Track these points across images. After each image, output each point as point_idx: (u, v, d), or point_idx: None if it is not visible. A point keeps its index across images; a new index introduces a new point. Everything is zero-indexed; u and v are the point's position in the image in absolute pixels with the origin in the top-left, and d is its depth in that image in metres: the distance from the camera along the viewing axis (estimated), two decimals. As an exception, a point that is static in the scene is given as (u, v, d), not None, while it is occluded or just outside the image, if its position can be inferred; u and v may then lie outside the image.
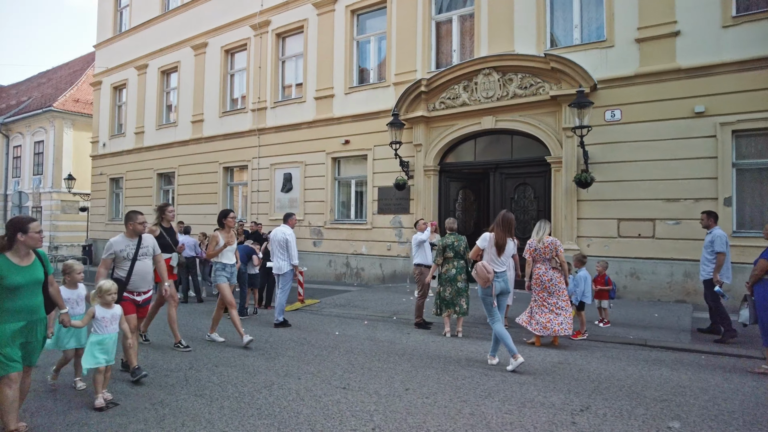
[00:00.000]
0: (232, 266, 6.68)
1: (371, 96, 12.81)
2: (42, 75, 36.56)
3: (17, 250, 3.57)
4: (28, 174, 27.45)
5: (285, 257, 7.68)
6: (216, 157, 16.26)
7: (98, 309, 4.29)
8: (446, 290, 7.10)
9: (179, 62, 17.80)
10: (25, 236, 3.58)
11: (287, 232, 7.62)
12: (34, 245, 3.66)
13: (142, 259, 5.13)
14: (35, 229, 3.62)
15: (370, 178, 12.68)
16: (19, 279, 3.50)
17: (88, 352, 4.23)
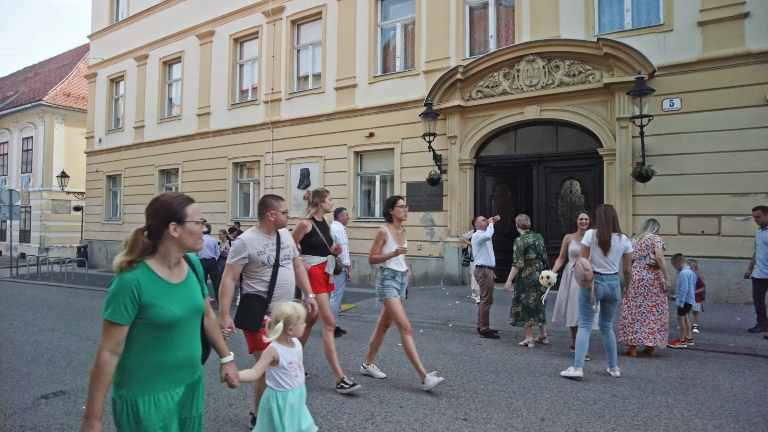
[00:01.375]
0: (403, 274, 4.79)
1: (398, 85, 12.00)
2: (29, 69, 35.15)
3: (166, 254, 2.02)
4: (15, 172, 26.12)
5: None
6: (224, 152, 15.31)
7: (281, 349, 2.71)
8: (529, 297, 6.32)
9: (183, 52, 16.81)
10: (182, 229, 2.01)
11: (336, 229, 6.76)
12: (191, 247, 2.06)
13: (286, 265, 3.54)
14: (195, 217, 2.06)
15: (397, 173, 11.85)
16: (176, 309, 1.98)
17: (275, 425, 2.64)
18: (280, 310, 2.71)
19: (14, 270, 17.95)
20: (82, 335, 6.85)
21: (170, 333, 1.98)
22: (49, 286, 14.29)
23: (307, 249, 4.73)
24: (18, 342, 6.51)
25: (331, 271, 4.90)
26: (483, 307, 6.94)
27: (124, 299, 1.86)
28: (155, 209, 2.03)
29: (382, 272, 4.69)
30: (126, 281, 1.88)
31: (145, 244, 1.98)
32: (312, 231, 4.76)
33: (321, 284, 4.72)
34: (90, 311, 9.17)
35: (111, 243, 19.12)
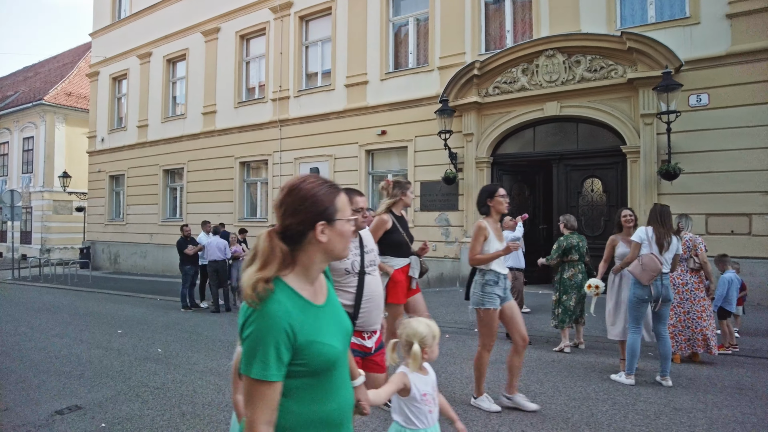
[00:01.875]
0: (506, 277, 4.03)
1: (411, 82, 11.69)
2: (29, 69, 34.82)
3: (309, 266, 1.42)
4: (16, 172, 25.79)
5: None
6: (231, 151, 14.99)
7: (413, 377, 2.20)
8: (571, 299, 6.03)
9: (188, 50, 16.49)
10: (330, 231, 1.41)
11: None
12: (339, 254, 1.47)
13: (372, 273, 2.88)
14: (346, 212, 1.46)
15: (410, 171, 11.55)
16: (335, 341, 1.42)
17: None
18: (412, 329, 2.20)
19: (16, 272, 17.63)
20: (92, 342, 6.54)
21: (331, 375, 1.39)
22: (53, 288, 13.98)
23: (387, 249, 3.98)
24: (25, 349, 6.20)
25: (416, 274, 4.33)
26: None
27: (276, 344, 1.26)
28: (298, 202, 1.38)
29: (483, 276, 3.94)
30: (274, 316, 1.27)
31: (283, 252, 1.36)
32: (392, 227, 4.08)
33: (403, 292, 4.12)
34: (97, 316, 8.86)
35: (114, 244, 18.80)
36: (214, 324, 7.88)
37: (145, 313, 9.16)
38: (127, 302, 10.81)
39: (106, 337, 6.87)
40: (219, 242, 9.36)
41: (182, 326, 7.66)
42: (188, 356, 5.66)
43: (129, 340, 6.64)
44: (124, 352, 5.92)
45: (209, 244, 9.14)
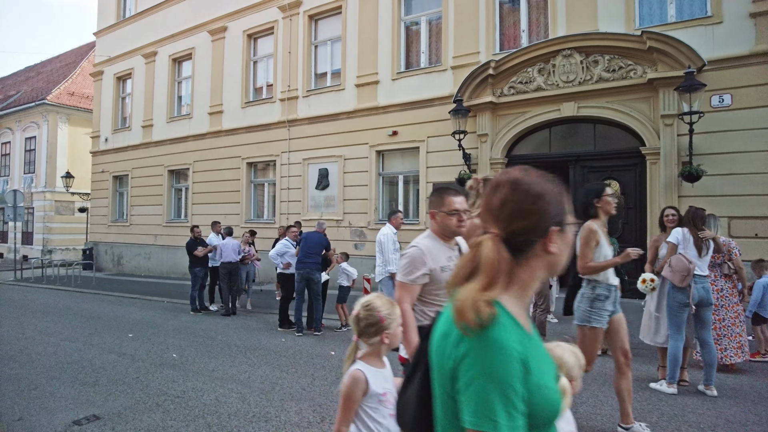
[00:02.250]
0: (617, 289, 3.51)
1: (424, 82, 11.51)
2: (30, 69, 34.64)
3: (527, 285, 1.10)
4: (18, 172, 25.57)
5: (380, 262, 6.33)
6: (238, 151, 14.80)
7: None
8: None
9: (194, 49, 16.31)
10: (562, 240, 1.10)
11: (383, 232, 6.28)
12: (558, 268, 1.13)
13: None
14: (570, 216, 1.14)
15: (422, 173, 11.36)
16: (556, 386, 1.07)
17: None
18: (557, 358, 1.77)
19: (18, 273, 17.41)
20: (104, 346, 6.33)
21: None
22: (57, 290, 13.76)
23: None
24: (35, 354, 5.99)
25: None
26: (540, 316, 6.45)
27: (512, 386, 0.94)
28: (530, 201, 1.07)
29: (592, 289, 3.41)
30: (507, 349, 0.96)
31: (508, 266, 1.06)
32: None
33: None
34: (105, 319, 8.65)
35: (117, 245, 18.58)
36: (226, 328, 7.67)
37: (154, 316, 8.95)
38: (134, 305, 10.60)
39: (116, 341, 6.66)
40: (234, 243, 9.14)
41: (194, 330, 7.45)
42: (205, 362, 5.45)
43: (141, 344, 6.43)
44: (137, 357, 5.71)
45: (224, 245, 8.92)
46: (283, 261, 7.57)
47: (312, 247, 7.34)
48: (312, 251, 7.31)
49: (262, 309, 9.70)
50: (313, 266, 7.19)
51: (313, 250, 7.33)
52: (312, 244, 7.35)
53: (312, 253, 7.32)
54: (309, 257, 7.28)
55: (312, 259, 7.23)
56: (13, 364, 5.56)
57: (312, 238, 7.44)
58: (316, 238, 7.47)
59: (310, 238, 7.41)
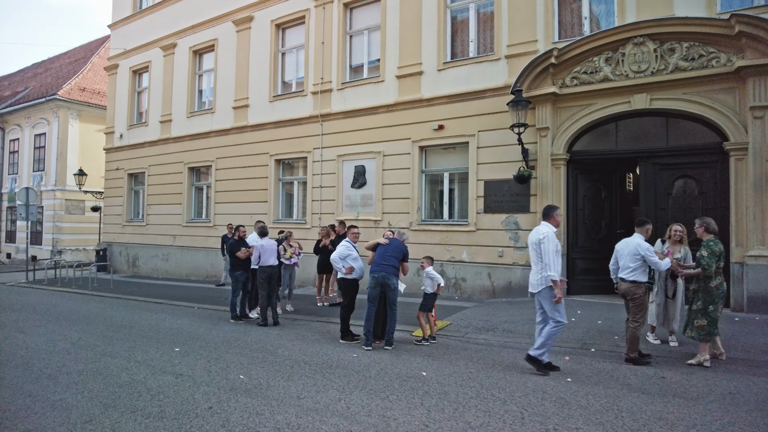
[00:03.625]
0: None
1: (473, 72, 10.73)
2: (38, 65, 33.92)
3: None
4: (27, 170, 24.78)
5: (538, 269, 5.35)
6: (266, 147, 14.00)
7: None
8: (718, 309, 5.46)
9: (217, 40, 15.53)
10: None
11: (542, 231, 5.29)
12: None
13: None
14: None
15: (472, 170, 10.57)
16: None
17: None
18: None
19: (30, 274, 16.62)
20: (152, 364, 5.54)
21: None
22: (74, 293, 12.98)
23: None
24: (76, 373, 5.20)
25: None
26: (634, 329, 5.66)
27: None
28: None
29: None
30: None
31: None
32: None
33: None
34: (138, 328, 7.87)
35: (133, 246, 17.79)
36: (280, 339, 6.89)
37: (191, 324, 8.15)
38: (163, 311, 9.81)
39: (164, 357, 5.87)
40: (273, 245, 8.32)
41: (245, 343, 6.66)
42: (283, 386, 4.65)
43: (194, 361, 5.64)
44: (198, 379, 4.91)
45: (262, 248, 8.08)
46: (345, 265, 6.76)
47: (392, 250, 6.62)
48: (391, 254, 6.57)
49: (305, 315, 8.90)
50: (391, 270, 6.42)
51: (392, 253, 6.60)
52: (392, 248, 6.65)
53: (391, 257, 6.55)
54: (387, 260, 6.50)
55: (390, 263, 6.47)
56: (54, 386, 4.77)
57: (394, 243, 6.77)
58: (397, 243, 6.77)
59: (392, 243, 6.75)
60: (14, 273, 20.04)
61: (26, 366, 5.55)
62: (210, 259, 15.13)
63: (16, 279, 17.18)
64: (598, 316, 7.80)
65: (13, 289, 14.56)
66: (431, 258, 7.07)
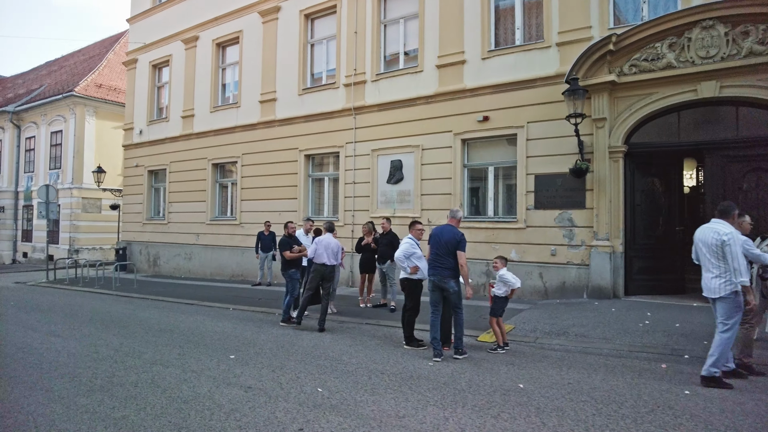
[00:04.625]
0: None
1: (521, 60, 10.17)
2: (52, 63, 33.63)
3: None
4: (43, 168, 24.43)
5: (720, 272, 4.65)
6: (294, 142, 13.51)
7: None
8: None
9: (241, 32, 15.05)
10: None
11: (724, 231, 4.61)
12: None
13: None
14: None
15: (521, 163, 10.02)
16: None
17: None
18: None
19: (50, 274, 16.23)
20: (213, 375, 5.03)
21: None
22: (98, 294, 12.55)
23: None
24: (130, 385, 4.71)
25: None
26: (748, 332, 5.11)
27: None
28: None
29: None
30: None
31: None
32: None
33: None
34: (180, 332, 7.40)
35: (153, 245, 17.36)
36: (337, 344, 6.39)
37: (234, 328, 7.67)
38: (198, 312, 9.34)
39: (221, 365, 5.37)
40: (334, 243, 7.71)
41: (302, 348, 6.16)
42: (373, 402, 4.13)
43: (257, 370, 5.14)
44: (272, 392, 4.40)
45: (320, 242, 7.50)
46: (409, 264, 6.23)
47: (442, 245, 5.85)
48: (442, 251, 5.86)
49: (350, 317, 8.39)
50: (445, 272, 5.75)
51: (443, 249, 5.84)
52: (443, 242, 5.86)
53: (442, 254, 5.86)
54: (440, 260, 5.86)
55: (443, 263, 5.79)
56: (111, 400, 4.28)
57: (443, 234, 5.94)
58: (447, 233, 5.94)
59: (441, 234, 5.93)
60: (33, 272, 19.70)
61: (73, 376, 5.07)
62: (236, 257, 14.67)
63: (36, 278, 16.81)
64: (672, 318, 7.23)
65: (35, 289, 14.16)
66: (505, 258, 6.51)
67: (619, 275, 9.00)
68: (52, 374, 5.17)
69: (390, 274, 8.95)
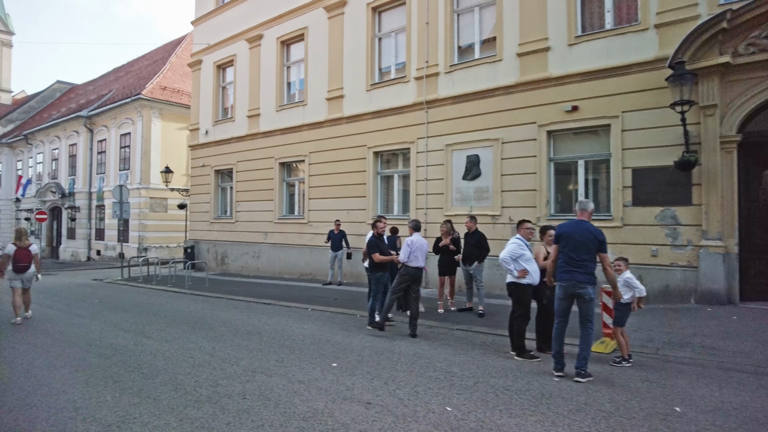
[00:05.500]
0: None
1: (613, 45, 9.39)
2: (118, 69, 35.06)
3: None
4: (113, 169, 25.40)
5: None
6: (363, 140, 13.21)
7: None
8: None
9: (306, 28, 14.88)
10: None
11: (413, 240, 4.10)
12: None
13: None
14: None
15: (616, 156, 9.26)
16: None
17: None
18: None
19: (124, 271, 16.71)
20: (321, 386, 4.71)
21: None
22: (172, 292, 12.70)
23: None
24: (238, 396, 4.48)
25: None
26: None
27: None
28: None
29: None
30: None
31: None
32: None
33: None
34: (267, 335, 7.20)
35: (221, 243, 17.57)
36: (437, 351, 5.98)
37: (322, 331, 7.41)
38: (278, 313, 9.18)
39: (328, 375, 5.06)
40: (422, 243, 7.26)
41: (404, 356, 5.78)
42: (521, 427, 3.67)
43: (367, 382, 4.79)
44: (396, 410, 4.01)
45: (413, 244, 7.09)
46: (517, 267, 5.72)
47: (579, 245, 4.90)
48: (578, 252, 4.91)
49: (436, 321, 7.94)
50: (582, 277, 4.94)
51: (579, 250, 4.90)
52: (578, 241, 4.91)
53: (577, 256, 4.91)
54: (573, 262, 4.95)
55: (578, 266, 4.94)
56: (223, 414, 4.04)
57: (578, 231, 4.98)
58: (583, 231, 4.96)
59: (575, 232, 4.98)
60: (107, 270, 20.45)
61: (176, 384, 4.90)
62: (304, 256, 14.56)
63: (111, 276, 17.38)
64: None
65: (112, 287, 14.56)
66: (626, 259, 5.87)
67: (733, 278, 8.13)
68: (154, 381, 5.03)
69: (477, 276, 8.45)
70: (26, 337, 7.48)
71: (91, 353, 6.29)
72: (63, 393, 4.75)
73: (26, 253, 8.58)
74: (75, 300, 11.55)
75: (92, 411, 4.23)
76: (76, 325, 8.26)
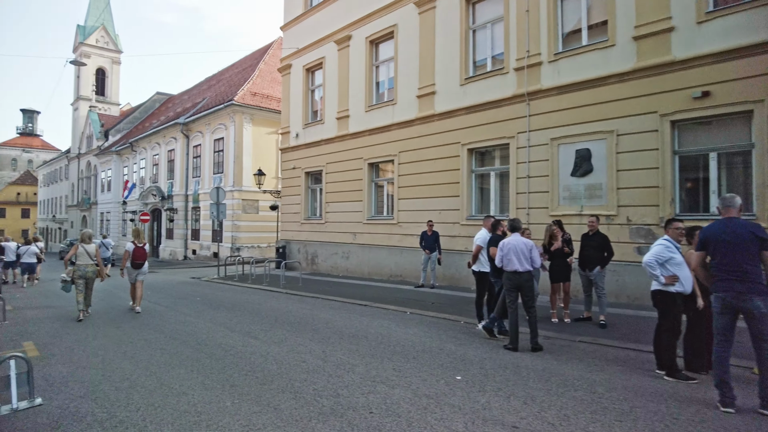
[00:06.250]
0: None
1: (751, 21, 8.20)
2: (210, 78, 36.99)
3: None
4: (208, 173, 26.74)
5: None
6: (456, 136, 12.70)
7: None
8: None
9: (396, 26, 14.62)
10: None
11: None
12: None
13: None
14: None
15: (761, 146, 8.07)
16: None
17: None
18: None
19: (220, 270, 17.36)
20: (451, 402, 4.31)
21: None
22: (268, 291, 12.90)
23: None
24: (364, 410, 4.19)
25: None
26: None
27: None
28: None
29: None
30: None
31: None
32: None
33: None
34: (373, 339, 6.93)
35: (311, 243, 17.77)
36: (569, 367, 5.37)
37: (429, 337, 7.01)
38: (376, 315, 8.93)
39: (457, 391, 4.63)
40: (521, 244, 6.65)
41: (535, 373, 5.22)
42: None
43: (501, 401, 4.31)
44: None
45: (507, 245, 6.48)
46: (664, 273, 4.98)
47: (735, 247, 4.13)
48: (736, 255, 4.12)
49: (553, 332, 7.25)
50: (745, 286, 4.03)
51: (738, 252, 4.12)
52: (732, 241, 4.15)
53: (735, 260, 4.11)
54: (729, 267, 4.15)
55: (737, 272, 4.09)
56: (352, 430, 3.72)
57: (730, 230, 4.22)
58: (738, 230, 4.18)
59: (725, 232, 4.24)
60: (203, 269, 21.48)
61: (293, 391, 4.70)
62: (394, 257, 14.30)
63: (208, 274, 18.15)
64: None
65: (210, 285, 15.11)
66: None
67: None
68: (270, 387, 4.86)
69: (599, 282, 7.66)
70: (141, 332, 7.75)
71: (203, 353, 6.32)
72: (183, 395, 4.71)
73: (142, 251, 9.32)
74: (179, 297, 12.03)
75: (215, 417, 4.11)
76: (184, 323, 8.48)
